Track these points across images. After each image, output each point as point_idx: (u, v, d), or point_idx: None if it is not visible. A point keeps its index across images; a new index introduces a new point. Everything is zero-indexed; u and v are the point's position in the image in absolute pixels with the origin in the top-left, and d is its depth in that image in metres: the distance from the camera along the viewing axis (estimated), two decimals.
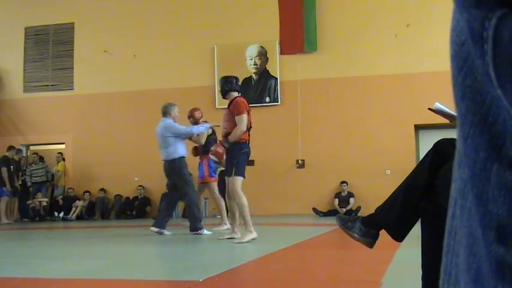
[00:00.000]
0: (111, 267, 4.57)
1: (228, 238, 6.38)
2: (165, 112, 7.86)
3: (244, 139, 6.13)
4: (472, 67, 0.45)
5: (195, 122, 8.39)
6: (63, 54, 14.90)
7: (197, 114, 8.47)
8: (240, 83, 6.71)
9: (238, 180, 6.04)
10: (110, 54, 14.32)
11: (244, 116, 6.08)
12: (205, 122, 8.44)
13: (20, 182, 13.27)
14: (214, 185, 8.41)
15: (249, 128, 6.18)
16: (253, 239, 6.01)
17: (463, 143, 0.47)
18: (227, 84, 6.46)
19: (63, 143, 14.74)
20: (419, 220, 2.28)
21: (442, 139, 2.29)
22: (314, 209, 12.16)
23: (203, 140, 8.31)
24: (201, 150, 8.43)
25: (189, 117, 8.53)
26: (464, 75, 0.46)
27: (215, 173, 8.52)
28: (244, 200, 6.02)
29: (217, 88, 13.80)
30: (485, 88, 0.44)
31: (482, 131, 0.45)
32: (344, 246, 5.73)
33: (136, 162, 13.65)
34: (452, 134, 0.82)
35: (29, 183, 13.67)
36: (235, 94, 6.38)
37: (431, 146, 2.31)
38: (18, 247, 6.70)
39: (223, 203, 8.07)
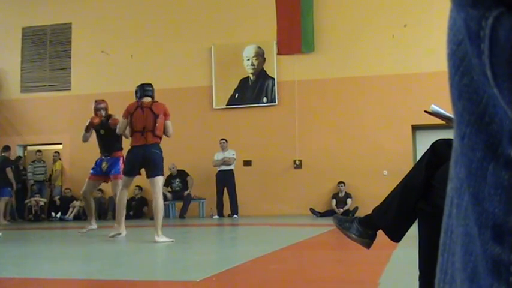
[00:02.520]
0: (109, 267, 4.56)
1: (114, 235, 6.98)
2: None
3: (131, 143, 6.62)
4: (469, 66, 0.46)
5: (107, 114, 8.27)
6: (61, 55, 14.88)
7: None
8: (146, 90, 6.73)
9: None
10: (108, 54, 14.30)
11: (121, 121, 6.77)
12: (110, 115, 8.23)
13: (19, 183, 13.27)
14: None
15: (135, 131, 6.51)
16: (118, 234, 6.89)
17: (459, 142, 0.47)
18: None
19: (60, 143, 14.72)
20: (417, 221, 2.28)
21: (439, 139, 2.28)
22: (311, 210, 12.16)
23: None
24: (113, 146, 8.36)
25: (99, 109, 8.24)
26: (461, 74, 0.47)
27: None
28: (118, 199, 6.87)
29: (215, 88, 13.94)
30: (482, 87, 0.45)
31: (478, 130, 0.45)
32: (341, 247, 5.73)
33: None
34: (449, 134, 0.83)
35: (31, 182, 13.67)
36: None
37: (428, 147, 2.31)
38: (17, 247, 6.69)
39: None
